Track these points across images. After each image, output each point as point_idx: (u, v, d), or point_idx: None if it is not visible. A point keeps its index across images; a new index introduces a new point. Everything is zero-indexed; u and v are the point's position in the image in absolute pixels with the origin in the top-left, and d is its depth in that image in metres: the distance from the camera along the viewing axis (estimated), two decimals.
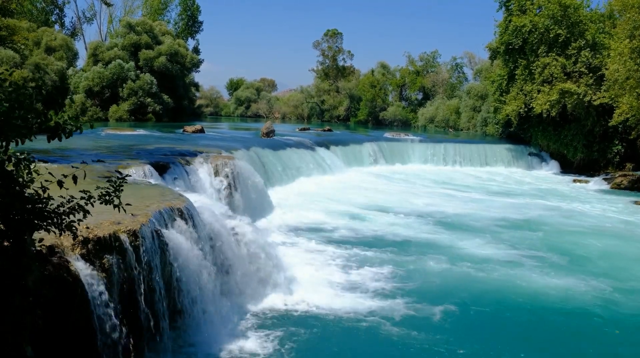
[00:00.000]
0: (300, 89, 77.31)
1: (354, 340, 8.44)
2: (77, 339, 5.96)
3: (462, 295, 10.42)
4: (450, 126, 54.87)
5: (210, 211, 9.73)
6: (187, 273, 7.88)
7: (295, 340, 8.24)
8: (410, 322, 9.04)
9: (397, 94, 68.04)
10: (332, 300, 9.80)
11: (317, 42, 73.47)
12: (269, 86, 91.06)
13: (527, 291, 10.81)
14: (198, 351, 7.69)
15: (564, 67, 30.93)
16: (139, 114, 47.28)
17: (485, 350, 8.32)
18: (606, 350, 8.61)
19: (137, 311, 6.89)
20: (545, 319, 9.60)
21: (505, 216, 18.33)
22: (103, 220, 6.82)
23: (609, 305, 10.21)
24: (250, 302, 9.43)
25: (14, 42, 34.69)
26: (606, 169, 31.13)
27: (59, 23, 64.55)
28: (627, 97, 26.02)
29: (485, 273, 11.82)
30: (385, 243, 14.02)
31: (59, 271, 5.79)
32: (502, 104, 35.10)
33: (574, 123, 31.80)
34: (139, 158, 14.79)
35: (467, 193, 23.23)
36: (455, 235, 15.20)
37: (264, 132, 28.34)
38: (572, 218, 18.65)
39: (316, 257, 12.46)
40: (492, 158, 33.60)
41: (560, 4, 30.64)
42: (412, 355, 8.02)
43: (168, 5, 68.56)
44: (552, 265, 12.65)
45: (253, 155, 20.74)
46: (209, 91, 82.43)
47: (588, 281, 11.51)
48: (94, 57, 49.36)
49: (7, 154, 4.50)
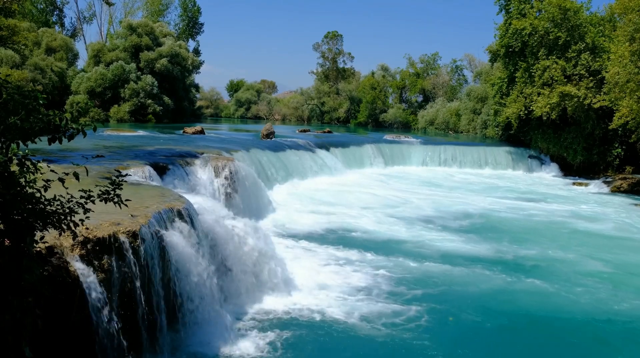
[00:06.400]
0: (301, 91, 77.37)
1: (352, 342, 8.43)
2: (75, 339, 5.97)
3: (461, 299, 10.42)
4: (450, 128, 54.89)
5: (210, 212, 9.73)
6: (186, 274, 7.88)
7: (293, 342, 8.24)
8: (412, 325, 9.04)
9: (398, 96, 68.06)
10: (330, 302, 9.81)
11: (318, 44, 73.63)
12: (269, 88, 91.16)
13: (525, 296, 10.74)
14: (197, 352, 7.69)
15: (564, 70, 30.98)
16: (140, 115, 47.39)
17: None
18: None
19: (136, 312, 6.90)
20: (540, 323, 9.56)
21: (505, 217, 18.35)
22: (102, 221, 6.84)
23: (608, 313, 10.13)
24: (249, 304, 9.43)
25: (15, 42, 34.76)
26: (606, 172, 31.16)
27: (59, 24, 64.68)
28: (627, 100, 26.05)
29: (481, 277, 11.83)
30: (386, 245, 14.01)
31: (59, 272, 5.80)
32: (502, 107, 35.16)
33: (574, 126, 31.84)
34: (139, 159, 14.80)
35: (465, 194, 23.24)
36: (453, 237, 15.21)
37: (264, 134, 28.35)
38: (571, 220, 18.65)
39: (315, 259, 12.46)
40: (492, 161, 33.61)
41: (560, 7, 30.70)
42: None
43: (168, 6, 68.74)
44: (551, 267, 12.67)
45: (253, 156, 20.76)
46: (210, 93, 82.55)
47: (587, 285, 11.49)
48: (95, 59, 49.45)
49: (8, 155, 4.51)
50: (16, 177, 4.60)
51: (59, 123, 4.56)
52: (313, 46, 74.00)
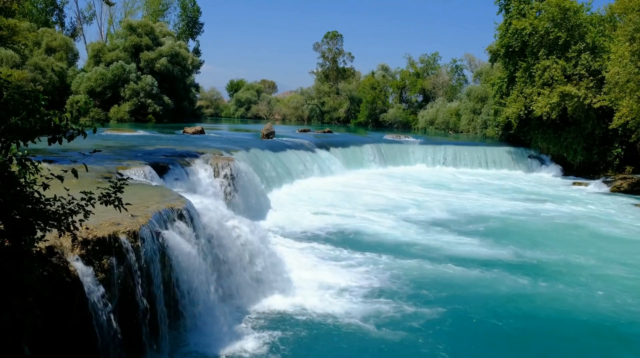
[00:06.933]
0: (301, 90, 77.38)
1: (352, 342, 8.42)
2: (76, 339, 5.96)
3: (461, 298, 10.41)
4: (450, 128, 54.89)
5: (210, 212, 9.73)
6: (187, 273, 7.89)
7: (293, 341, 8.24)
8: (412, 325, 9.03)
9: (398, 96, 68.07)
10: (331, 302, 9.80)
11: (318, 44, 73.62)
12: (269, 88, 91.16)
13: (543, 299, 10.58)
14: (197, 352, 7.69)
15: (564, 70, 30.97)
16: (140, 115, 47.40)
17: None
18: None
19: (136, 312, 6.90)
20: (559, 326, 9.42)
21: (504, 218, 18.34)
22: (103, 221, 6.83)
23: (629, 317, 10.01)
24: (249, 303, 9.43)
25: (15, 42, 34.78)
26: (606, 172, 31.15)
27: (59, 24, 64.69)
28: (627, 100, 26.05)
29: (497, 279, 11.77)
30: (385, 246, 14.01)
31: (59, 272, 5.80)
32: (502, 107, 35.17)
33: (574, 126, 31.84)
34: (139, 159, 14.80)
35: (464, 194, 23.23)
36: (451, 238, 15.20)
37: (264, 134, 28.34)
38: (571, 220, 18.64)
39: (315, 259, 12.45)
40: (492, 161, 33.61)
41: (559, 7, 30.70)
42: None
43: (168, 6, 68.74)
44: (550, 268, 12.66)
45: (253, 156, 20.75)
46: (210, 93, 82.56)
47: (606, 289, 11.32)
48: (95, 58, 49.46)
49: (7, 155, 4.51)
50: (16, 177, 4.59)
51: (59, 123, 4.55)
52: (313, 46, 74.13)
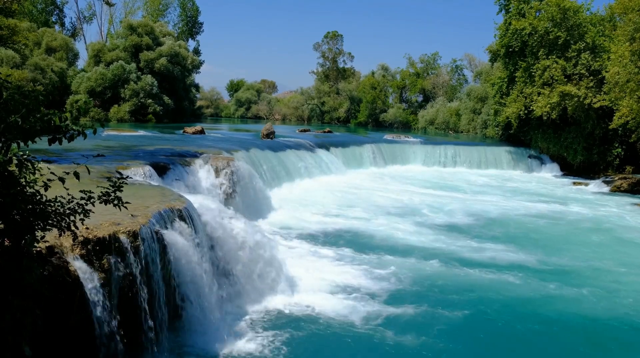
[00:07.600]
0: (301, 90, 77.37)
1: (352, 342, 8.42)
2: (76, 339, 5.97)
3: (461, 298, 10.41)
4: (450, 128, 54.90)
5: (210, 212, 9.73)
6: (187, 273, 7.88)
7: (294, 342, 8.23)
8: (413, 325, 9.02)
9: (398, 96, 68.08)
10: (331, 302, 9.79)
11: (318, 44, 73.67)
12: (269, 88, 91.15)
13: (562, 303, 10.45)
14: (197, 352, 7.69)
15: (564, 69, 30.97)
16: (140, 115, 47.40)
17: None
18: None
19: (137, 312, 6.89)
20: (577, 330, 9.34)
21: (503, 219, 18.34)
22: (103, 221, 6.84)
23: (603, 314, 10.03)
24: (249, 303, 9.42)
25: (15, 42, 34.78)
26: (606, 172, 31.14)
27: (59, 24, 64.69)
28: (627, 100, 26.05)
29: (483, 276, 11.82)
30: (385, 246, 14.00)
31: (59, 272, 5.80)
32: (502, 107, 35.17)
33: (574, 126, 31.84)
34: (139, 159, 14.81)
35: (463, 194, 23.24)
36: (451, 238, 15.19)
37: (264, 134, 28.35)
38: (571, 220, 18.65)
39: (316, 258, 12.44)
40: (492, 160, 33.60)
41: (559, 7, 30.69)
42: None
43: (168, 6, 68.75)
44: (549, 269, 12.67)
45: (253, 156, 20.75)
46: (210, 93, 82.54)
47: (612, 291, 11.28)
48: (95, 58, 49.46)
49: (7, 155, 4.51)
50: (16, 177, 4.59)
51: (59, 123, 4.55)
52: (313, 46, 74.15)
